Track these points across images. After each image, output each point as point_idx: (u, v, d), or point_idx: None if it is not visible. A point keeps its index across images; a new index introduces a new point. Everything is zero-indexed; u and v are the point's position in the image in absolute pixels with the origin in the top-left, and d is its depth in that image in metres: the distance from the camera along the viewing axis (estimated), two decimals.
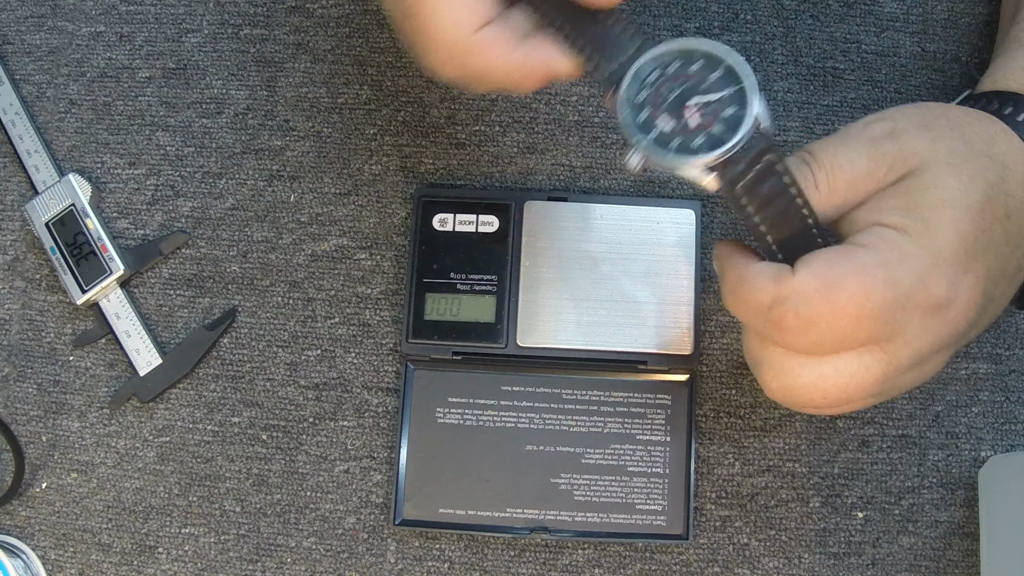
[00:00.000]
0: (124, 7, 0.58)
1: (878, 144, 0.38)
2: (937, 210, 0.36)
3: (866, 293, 0.35)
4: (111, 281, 0.53)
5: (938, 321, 0.36)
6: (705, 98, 0.36)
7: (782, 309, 0.36)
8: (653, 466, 0.50)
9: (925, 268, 0.36)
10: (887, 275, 0.35)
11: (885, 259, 0.36)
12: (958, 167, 0.37)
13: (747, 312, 0.37)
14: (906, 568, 0.50)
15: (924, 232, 0.36)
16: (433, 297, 0.52)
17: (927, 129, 0.39)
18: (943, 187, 0.37)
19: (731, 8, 0.56)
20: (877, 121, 0.40)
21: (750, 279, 0.37)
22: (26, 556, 0.52)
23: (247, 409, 0.53)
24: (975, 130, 0.39)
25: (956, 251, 0.36)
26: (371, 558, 0.51)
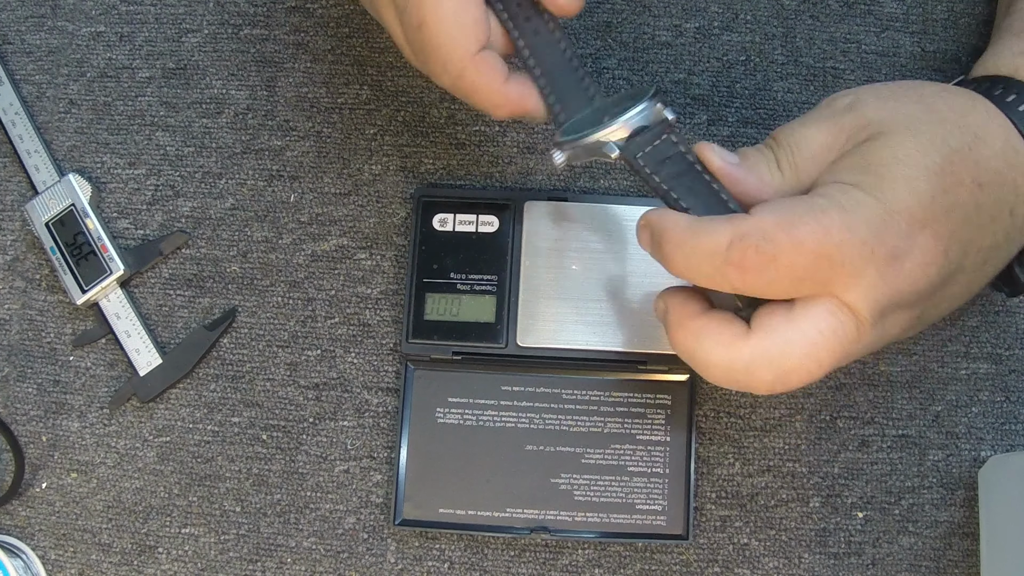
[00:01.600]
0: (124, 7, 0.58)
1: (838, 116, 0.40)
2: (890, 167, 0.37)
3: (825, 231, 0.35)
4: (111, 281, 0.53)
5: (894, 273, 0.36)
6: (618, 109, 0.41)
7: (742, 246, 0.36)
8: (653, 466, 0.50)
9: (879, 217, 0.36)
10: (843, 218, 0.36)
11: (840, 204, 0.36)
12: (916, 130, 0.38)
13: (700, 262, 0.37)
14: (906, 568, 0.50)
15: (877, 186, 0.37)
16: (433, 297, 0.52)
17: (887, 99, 0.40)
18: (898, 146, 0.38)
19: (731, 8, 0.56)
20: (840, 96, 0.41)
21: (704, 225, 0.37)
22: (26, 556, 0.52)
23: (247, 409, 0.53)
24: (947, 101, 0.40)
25: (911, 206, 0.37)
26: (371, 558, 0.51)
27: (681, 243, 0.38)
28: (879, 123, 0.39)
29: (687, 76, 0.55)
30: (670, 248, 0.38)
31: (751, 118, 0.55)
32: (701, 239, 0.37)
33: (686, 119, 0.55)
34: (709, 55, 0.55)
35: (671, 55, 0.55)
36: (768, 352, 0.37)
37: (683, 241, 0.37)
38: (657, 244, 0.39)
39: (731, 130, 0.55)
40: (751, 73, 0.55)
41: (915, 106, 0.39)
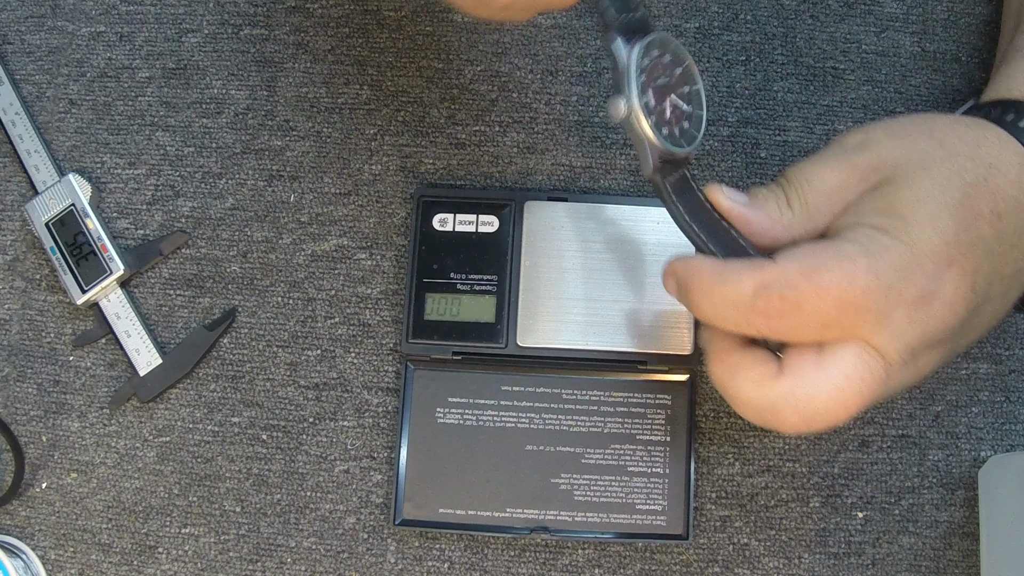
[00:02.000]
0: (124, 7, 0.58)
1: (850, 155, 0.39)
2: (914, 208, 0.37)
3: (849, 278, 0.36)
4: (111, 281, 0.53)
5: (924, 314, 0.37)
6: (679, 103, 0.42)
7: (767, 294, 0.36)
8: (653, 466, 0.50)
9: (906, 261, 0.36)
10: (868, 263, 0.36)
11: (866, 249, 0.36)
12: (931, 169, 0.38)
13: (726, 310, 0.37)
14: (906, 568, 0.50)
15: (903, 228, 0.37)
16: (433, 297, 0.52)
17: (899, 137, 0.39)
18: (917, 187, 0.38)
19: (731, 8, 0.56)
20: (851, 134, 0.41)
21: (729, 274, 0.37)
22: (26, 556, 0.52)
23: (247, 409, 0.53)
24: (958, 134, 0.40)
25: (936, 245, 0.37)
26: (371, 558, 0.51)
27: (708, 293, 0.38)
28: (893, 164, 0.39)
29: None
30: (697, 297, 0.38)
31: (751, 118, 0.55)
32: (727, 288, 0.37)
33: None
34: (709, 55, 0.55)
35: None
36: (796, 395, 0.37)
37: (709, 291, 0.38)
38: (684, 292, 0.39)
39: (731, 130, 0.55)
40: (751, 73, 0.55)
41: (927, 143, 0.39)
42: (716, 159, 0.54)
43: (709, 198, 0.41)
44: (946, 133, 0.40)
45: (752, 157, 0.54)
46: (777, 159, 0.54)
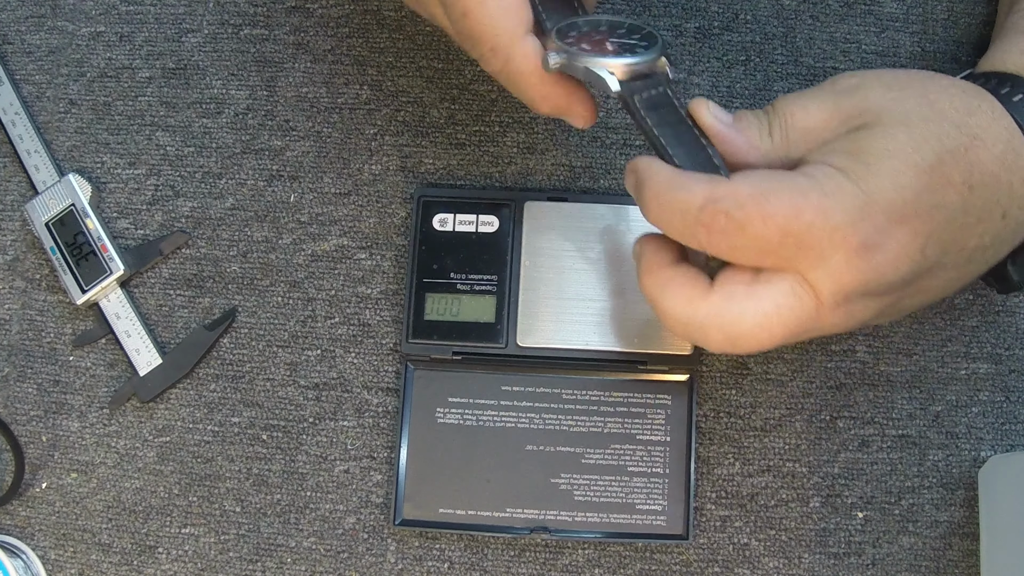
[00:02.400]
0: (124, 7, 0.58)
1: (839, 96, 0.40)
2: (880, 158, 0.37)
3: (797, 210, 0.36)
4: (111, 281, 0.53)
5: (864, 263, 0.37)
6: (621, 39, 0.42)
7: (714, 209, 0.36)
8: (653, 466, 0.50)
9: (857, 207, 0.36)
10: (820, 201, 0.36)
11: (821, 187, 0.36)
12: (913, 125, 0.38)
13: (672, 215, 0.38)
14: (906, 568, 0.50)
15: (863, 175, 0.37)
16: (433, 297, 0.52)
17: (892, 88, 0.40)
18: (891, 139, 0.37)
19: (731, 8, 0.56)
20: (846, 77, 0.41)
21: (683, 181, 0.37)
22: (26, 556, 0.52)
23: (247, 409, 0.53)
24: (951, 99, 0.40)
25: (892, 200, 0.37)
26: (371, 558, 0.51)
27: (658, 194, 0.38)
28: (878, 111, 0.39)
29: (687, 76, 0.55)
30: (648, 196, 0.39)
31: None
32: (677, 194, 0.37)
33: None
34: (709, 55, 0.55)
35: (671, 55, 0.55)
36: (722, 316, 0.38)
37: (660, 192, 0.38)
38: (638, 190, 0.40)
39: None
40: (751, 73, 0.55)
41: (917, 100, 0.39)
42: None
43: (691, 111, 0.40)
44: (939, 95, 0.40)
45: None
46: None
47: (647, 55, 0.42)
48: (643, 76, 0.42)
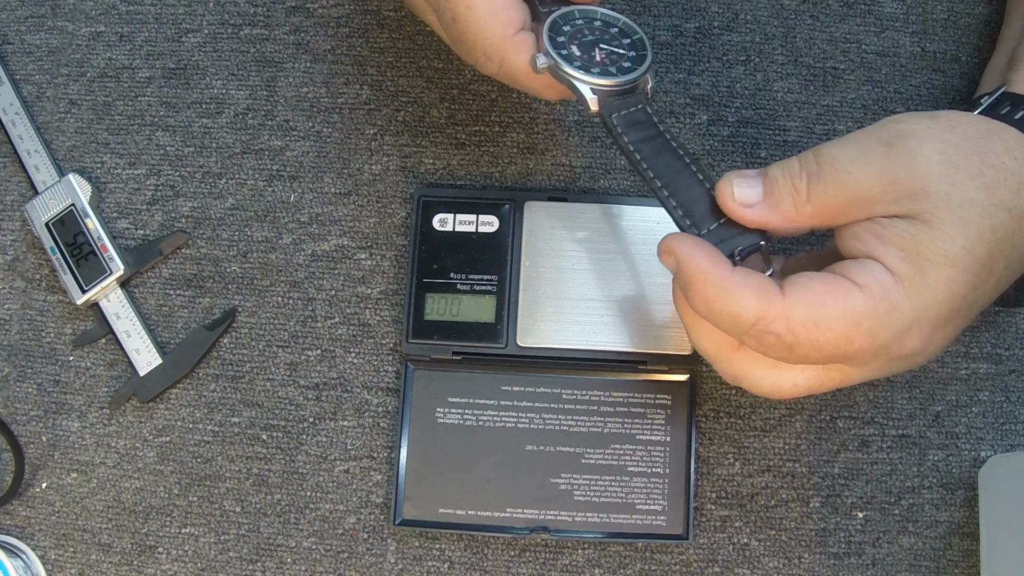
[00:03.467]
0: (124, 7, 0.58)
1: (893, 164, 0.38)
2: (938, 267, 0.37)
3: (848, 339, 0.36)
4: (111, 281, 0.53)
5: (901, 364, 0.39)
6: (612, 48, 0.43)
7: (765, 328, 0.36)
8: (653, 466, 0.50)
9: (907, 325, 0.37)
10: (871, 326, 0.36)
11: (875, 309, 0.36)
12: (969, 223, 0.37)
13: (721, 320, 0.38)
14: (906, 568, 0.50)
15: (919, 287, 0.37)
16: (433, 297, 0.52)
17: (950, 164, 0.38)
18: (950, 242, 0.37)
19: (731, 8, 0.56)
20: (900, 139, 0.38)
21: (732, 292, 0.37)
22: (26, 556, 0.52)
23: (247, 409, 0.53)
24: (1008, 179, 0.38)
25: (941, 311, 0.37)
26: (371, 558, 0.51)
27: (708, 299, 0.38)
28: (935, 199, 0.37)
29: (687, 76, 0.55)
30: (696, 299, 0.38)
31: (751, 118, 0.55)
32: (728, 305, 0.37)
33: (686, 119, 0.55)
34: (709, 55, 0.55)
35: (671, 55, 0.55)
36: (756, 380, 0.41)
37: (710, 298, 0.37)
38: (684, 287, 0.39)
39: (731, 130, 0.55)
40: (751, 73, 0.55)
41: (976, 186, 0.38)
42: (716, 159, 0.54)
43: (717, 195, 0.40)
44: (995, 175, 0.38)
45: (752, 157, 0.54)
46: (777, 159, 0.54)
47: (632, 74, 0.43)
48: (624, 92, 0.43)
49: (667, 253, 0.39)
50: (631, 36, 0.44)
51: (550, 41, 0.43)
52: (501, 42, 0.42)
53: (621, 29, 0.45)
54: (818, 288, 0.37)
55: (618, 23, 0.45)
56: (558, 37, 0.43)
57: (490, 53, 0.43)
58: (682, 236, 0.39)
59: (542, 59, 0.42)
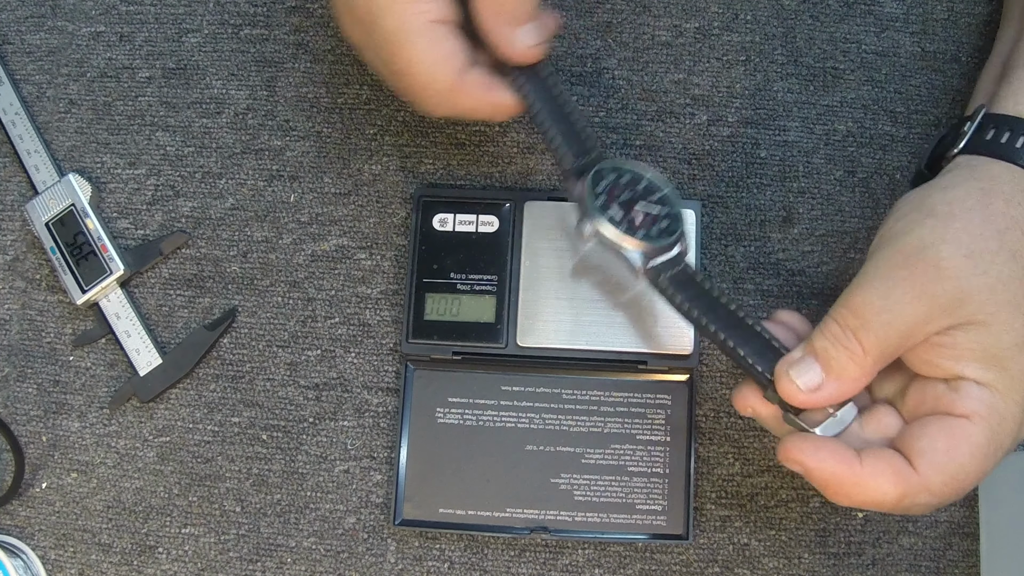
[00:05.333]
0: (124, 7, 0.58)
1: (925, 285, 0.38)
2: (1015, 359, 0.38)
3: (983, 469, 0.38)
4: (111, 281, 0.53)
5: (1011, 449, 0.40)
6: (648, 207, 0.45)
7: (912, 504, 0.38)
8: (653, 466, 0.50)
9: (1019, 421, 0.38)
10: (996, 444, 0.38)
11: (991, 430, 0.38)
12: (1017, 297, 0.38)
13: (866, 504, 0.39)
14: (906, 568, 0.50)
15: (1011, 385, 0.38)
16: (433, 297, 0.52)
17: (974, 256, 0.38)
18: (1013, 331, 0.38)
19: (731, 8, 0.56)
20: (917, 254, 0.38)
21: (867, 481, 0.38)
22: (26, 556, 0.52)
23: (247, 409, 0.53)
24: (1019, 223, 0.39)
25: None
26: (371, 558, 0.51)
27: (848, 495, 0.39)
28: (979, 300, 0.38)
29: (687, 76, 0.55)
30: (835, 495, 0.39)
31: (751, 118, 0.55)
32: (869, 496, 0.38)
33: (686, 119, 0.55)
34: (709, 55, 0.55)
35: (671, 55, 0.56)
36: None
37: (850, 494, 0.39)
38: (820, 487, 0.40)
39: (731, 130, 0.55)
40: (751, 73, 0.55)
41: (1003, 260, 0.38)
42: (716, 159, 0.54)
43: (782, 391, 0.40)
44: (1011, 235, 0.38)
45: (752, 157, 0.54)
46: (777, 159, 0.54)
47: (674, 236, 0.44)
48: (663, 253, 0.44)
49: (793, 462, 0.40)
50: (659, 191, 0.45)
51: (592, 201, 0.44)
52: (447, 91, 0.43)
53: (648, 183, 0.46)
54: (941, 445, 0.38)
55: (645, 176, 0.46)
56: (598, 199, 0.44)
57: (439, 102, 0.44)
58: (803, 444, 0.39)
59: (588, 227, 0.44)
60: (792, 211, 0.53)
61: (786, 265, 0.53)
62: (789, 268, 0.53)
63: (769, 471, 0.51)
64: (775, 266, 0.53)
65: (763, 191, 0.54)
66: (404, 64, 0.43)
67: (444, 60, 0.43)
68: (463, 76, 0.44)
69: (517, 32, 0.44)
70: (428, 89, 0.44)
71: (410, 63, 0.43)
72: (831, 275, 0.53)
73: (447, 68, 0.43)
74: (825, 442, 0.39)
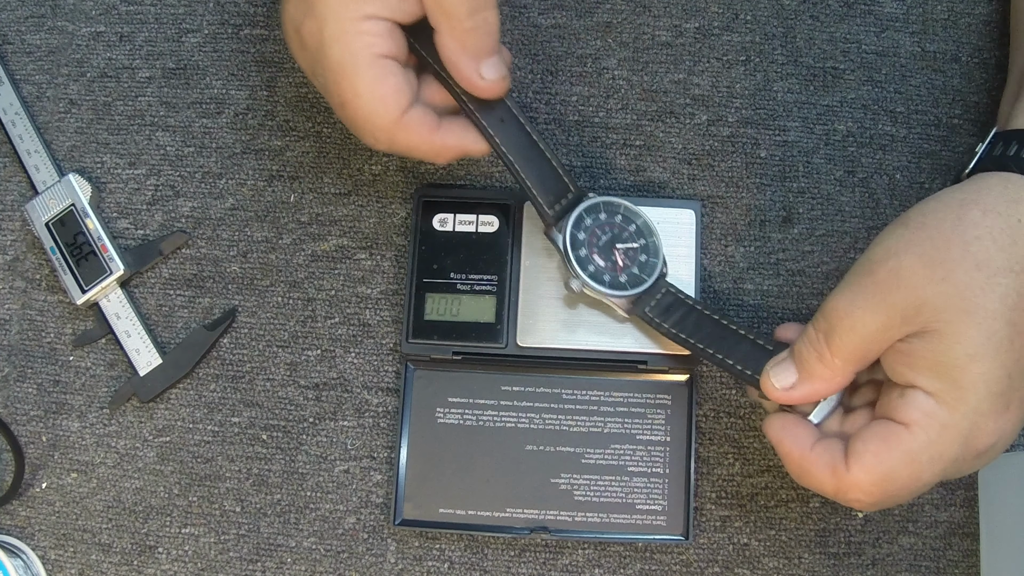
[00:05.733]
0: (124, 7, 0.58)
1: (886, 295, 0.39)
2: (965, 368, 0.38)
3: (916, 476, 0.39)
4: (111, 281, 0.53)
5: (981, 460, 0.40)
6: (627, 245, 0.49)
7: (846, 498, 0.40)
8: (653, 466, 0.50)
9: (966, 433, 0.38)
10: (932, 453, 0.38)
11: (928, 439, 0.38)
12: (975, 311, 0.38)
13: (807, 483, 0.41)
14: (906, 568, 0.50)
15: (958, 397, 0.38)
16: (433, 297, 0.52)
17: (934, 265, 0.39)
18: (965, 341, 0.38)
19: (731, 8, 0.56)
20: (880, 262, 0.40)
21: (811, 472, 0.41)
22: (26, 556, 0.52)
23: (247, 409, 0.53)
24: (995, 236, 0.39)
25: (993, 403, 0.38)
26: (371, 558, 0.51)
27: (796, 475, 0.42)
28: (934, 308, 0.38)
29: (687, 76, 0.55)
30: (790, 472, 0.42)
31: (751, 118, 0.55)
32: (810, 480, 0.41)
33: (686, 119, 0.55)
34: (709, 55, 0.55)
35: (671, 55, 0.56)
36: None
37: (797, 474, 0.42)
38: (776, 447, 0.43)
39: (731, 130, 0.55)
40: (751, 73, 0.55)
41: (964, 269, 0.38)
42: (716, 159, 0.54)
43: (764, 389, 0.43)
44: (980, 246, 0.39)
45: (752, 157, 0.54)
46: (777, 159, 0.54)
47: (654, 275, 0.48)
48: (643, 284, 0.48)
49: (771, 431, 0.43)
50: (635, 220, 0.49)
51: (576, 261, 0.48)
52: (390, 126, 0.44)
53: (624, 215, 0.49)
54: (872, 448, 0.39)
55: (619, 209, 0.49)
56: (580, 250, 0.48)
57: (379, 136, 0.44)
58: (772, 421, 0.43)
59: (576, 284, 0.48)
60: (792, 211, 0.54)
61: (786, 265, 0.53)
62: (789, 268, 0.53)
63: (769, 471, 0.51)
64: (775, 266, 0.53)
65: (763, 191, 0.54)
66: (349, 95, 0.43)
67: (389, 95, 0.43)
68: (407, 113, 0.44)
69: (482, 66, 0.44)
70: (369, 123, 0.44)
71: (355, 95, 0.43)
72: (831, 275, 0.53)
73: (391, 104, 0.43)
74: (792, 424, 0.42)
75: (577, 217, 0.48)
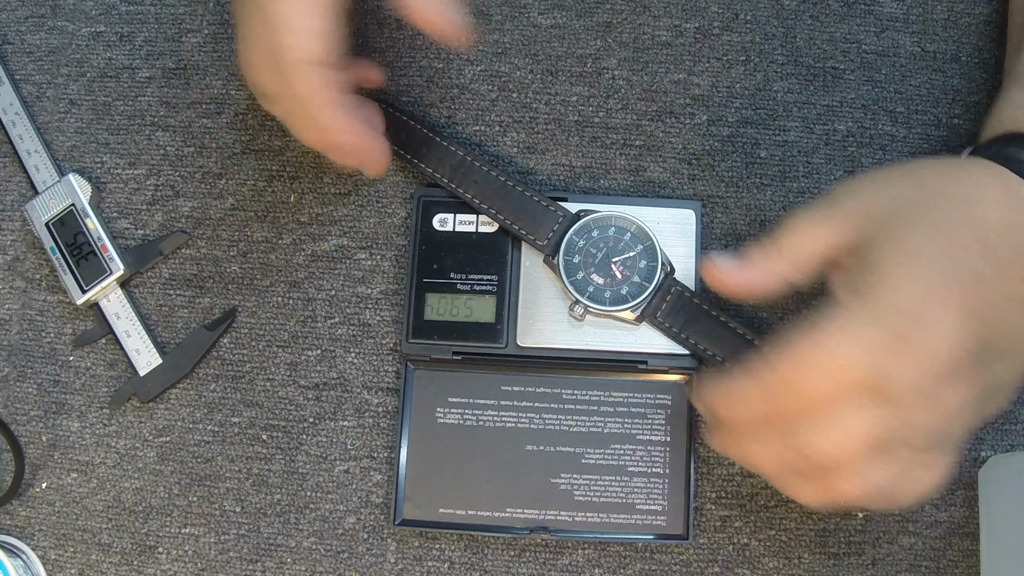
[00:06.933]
0: (124, 7, 0.58)
1: (839, 205, 0.42)
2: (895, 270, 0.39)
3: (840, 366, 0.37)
4: (111, 281, 0.53)
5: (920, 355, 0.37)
6: (623, 256, 0.50)
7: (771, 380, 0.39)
8: (653, 466, 0.50)
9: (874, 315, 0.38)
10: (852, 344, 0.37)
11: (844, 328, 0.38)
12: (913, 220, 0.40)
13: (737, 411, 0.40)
14: (906, 568, 0.50)
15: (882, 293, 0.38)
16: (433, 297, 0.52)
17: (885, 185, 0.42)
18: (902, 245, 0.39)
19: (731, 8, 0.56)
20: (840, 185, 0.43)
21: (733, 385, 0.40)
22: (26, 556, 0.52)
23: (247, 409, 0.53)
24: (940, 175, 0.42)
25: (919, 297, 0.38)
26: (371, 558, 0.51)
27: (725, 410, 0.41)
28: (878, 214, 0.40)
29: (687, 76, 0.55)
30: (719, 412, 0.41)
31: (751, 118, 0.55)
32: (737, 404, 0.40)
33: (686, 119, 0.55)
34: (709, 55, 0.55)
35: (671, 55, 0.56)
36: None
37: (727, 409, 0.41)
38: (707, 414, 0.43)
39: (731, 130, 0.55)
40: (751, 73, 0.55)
41: (910, 188, 0.41)
42: (716, 159, 0.54)
43: (703, 275, 0.44)
44: (929, 177, 0.42)
45: (752, 157, 0.54)
46: (777, 159, 0.54)
47: (658, 278, 0.49)
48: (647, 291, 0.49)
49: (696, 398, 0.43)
50: (628, 229, 0.50)
51: (574, 287, 0.49)
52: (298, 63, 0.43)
53: (616, 225, 0.50)
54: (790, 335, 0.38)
55: (610, 221, 0.50)
56: (577, 274, 0.49)
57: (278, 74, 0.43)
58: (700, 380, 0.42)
59: (579, 310, 0.49)
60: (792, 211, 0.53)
61: None
62: None
63: None
64: None
65: (763, 191, 0.54)
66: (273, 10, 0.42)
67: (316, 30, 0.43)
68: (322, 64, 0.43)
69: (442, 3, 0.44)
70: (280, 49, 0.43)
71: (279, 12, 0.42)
72: None
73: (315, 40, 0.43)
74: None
75: (568, 242, 0.50)
